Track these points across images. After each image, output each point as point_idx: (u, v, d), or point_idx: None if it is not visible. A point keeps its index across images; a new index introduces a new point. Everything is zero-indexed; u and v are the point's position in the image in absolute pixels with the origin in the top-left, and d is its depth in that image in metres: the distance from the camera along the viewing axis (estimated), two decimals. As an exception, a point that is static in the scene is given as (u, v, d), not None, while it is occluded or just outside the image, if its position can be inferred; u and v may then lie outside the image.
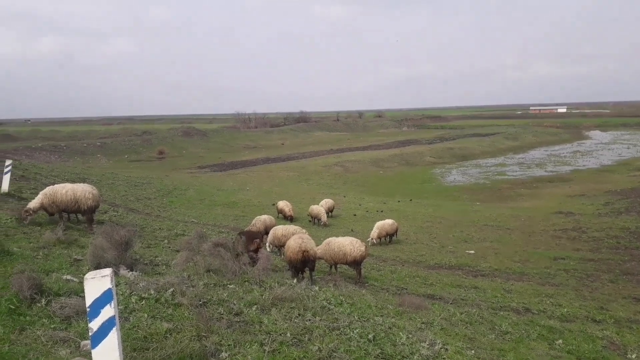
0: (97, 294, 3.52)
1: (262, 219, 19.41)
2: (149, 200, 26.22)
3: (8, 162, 15.47)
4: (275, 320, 6.02)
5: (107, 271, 3.59)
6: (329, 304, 7.64)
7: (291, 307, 6.80)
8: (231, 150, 78.79)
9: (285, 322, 5.99)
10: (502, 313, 10.80)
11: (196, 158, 67.67)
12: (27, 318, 5.45)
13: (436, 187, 46.87)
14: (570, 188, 42.31)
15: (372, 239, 20.75)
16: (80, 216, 12.89)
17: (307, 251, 11.09)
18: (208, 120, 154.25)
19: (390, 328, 6.77)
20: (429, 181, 50.92)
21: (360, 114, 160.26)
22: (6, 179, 14.90)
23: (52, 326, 5.24)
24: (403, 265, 16.82)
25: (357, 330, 6.07)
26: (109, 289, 3.53)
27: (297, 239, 11.59)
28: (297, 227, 16.32)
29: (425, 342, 6.23)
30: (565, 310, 11.70)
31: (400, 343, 6.02)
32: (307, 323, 6.13)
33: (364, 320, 6.95)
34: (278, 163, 62.20)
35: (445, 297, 11.78)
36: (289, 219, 24.78)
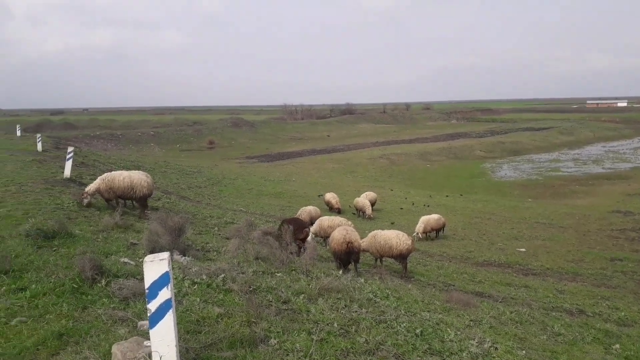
0: (155, 277, 3.66)
1: (307, 210, 19.59)
2: (199, 188, 26.98)
3: (70, 149, 16.33)
4: (322, 310, 6.07)
5: (165, 255, 3.72)
6: (375, 296, 7.63)
7: (337, 298, 6.84)
8: (278, 141, 79.68)
9: (332, 313, 6.02)
10: (554, 314, 10.41)
11: (244, 148, 68.93)
12: (89, 297, 5.75)
13: (486, 182, 45.60)
14: (629, 186, 40.06)
15: (417, 233, 20.49)
16: (135, 202, 13.43)
17: (352, 242, 11.10)
18: (256, 112, 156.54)
19: (437, 324, 6.68)
20: (478, 176, 49.60)
21: (407, 106, 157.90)
22: (68, 165, 15.75)
23: (112, 306, 5.51)
24: (450, 261, 16.52)
25: (404, 325, 6.02)
26: (167, 272, 3.66)
27: (341, 230, 11.64)
28: (342, 218, 16.35)
29: (474, 340, 6.10)
30: (623, 314, 11.13)
31: (448, 339, 5.93)
32: (353, 314, 6.14)
33: (411, 315, 6.89)
34: (323, 155, 62.37)
35: (495, 295, 11.49)
36: (336, 211, 24.84)
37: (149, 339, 4.25)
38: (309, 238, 12.51)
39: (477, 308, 9.18)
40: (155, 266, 3.64)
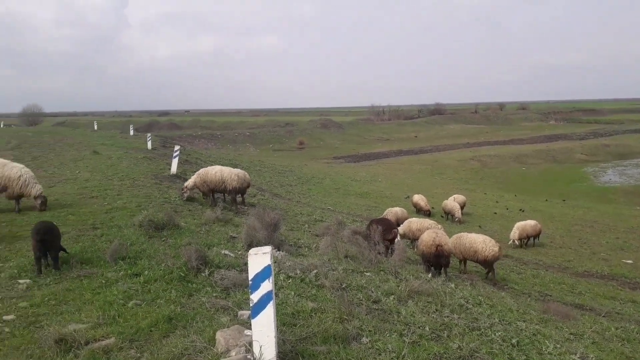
0: (258, 269, 3.87)
1: (393, 211, 19.40)
2: (290, 187, 27.81)
3: (176, 147, 17.68)
4: (413, 312, 6.03)
5: (268, 249, 3.93)
6: (467, 302, 7.42)
7: (428, 302, 6.75)
8: (365, 142, 79.62)
9: (423, 316, 5.96)
10: (669, 334, 9.38)
11: (332, 149, 69.79)
12: (194, 285, 6.21)
13: (587, 188, 42.06)
14: None
15: (513, 240, 19.44)
16: (233, 197, 14.18)
17: (441, 245, 10.87)
18: (344, 113, 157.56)
19: (534, 335, 6.34)
20: (579, 180, 45.89)
21: (501, 106, 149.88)
22: (175, 162, 17.06)
23: (214, 294, 5.91)
24: (547, 270, 15.52)
25: (499, 333, 5.80)
26: (269, 265, 3.87)
27: (431, 232, 11.44)
28: (432, 221, 16.01)
29: (575, 355, 5.71)
30: None
31: (546, 352, 5.61)
32: (445, 319, 6.03)
33: (506, 324, 6.60)
34: (410, 156, 61.29)
35: (597, 309, 10.61)
36: (426, 213, 24.32)
37: (249, 328, 4.51)
38: (397, 239, 12.44)
39: (578, 321, 8.55)
40: (258, 259, 3.86)
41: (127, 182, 14.31)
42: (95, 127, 48.36)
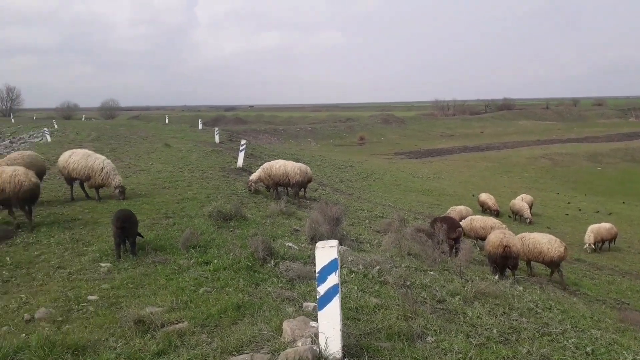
0: (325, 262, 3.92)
1: (458, 209, 18.91)
2: (350, 182, 27.84)
3: (243, 141, 18.23)
4: (480, 314, 5.87)
5: (334, 242, 3.97)
6: (536, 306, 7.13)
7: (495, 304, 6.56)
8: (427, 137, 77.97)
9: (490, 318, 5.80)
10: None
11: (393, 144, 68.97)
12: (260, 275, 6.39)
13: (672, 190, 38.78)
14: None
15: (588, 244, 18.32)
16: (296, 191, 14.43)
17: (509, 247, 10.49)
18: (406, 108, 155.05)
19: (610, 344, 5.98)
20: (662, 181, 42.42)
21: (574, 102, 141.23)
22: (241, 155, 17.61)
23: (280, 285, 6.05)
24: (623, 277, 14.55)
25: (572, 340, 5.52)
26: (335, 259, 3.91)
27: (498, 233, 11.08)
28: (496, 220, 15.48)
29: (658, 369, 5.34)
30: None
31: (625, 363, 5.28)
32: (513, 322, 5.83)
33: (579, 331, 6.28)
34: (476, 152, 59.25)
35: (682, 321, 9.81)
36: (493, 213, 23.49)
37: (314, 320, 4.59)
38: (461, 238, 12.16)
39: (660, 333, 7.96)
40: (326, 252, 3.91)
41: (196, 174, 14.94)
42: (167, 121, 50.82)
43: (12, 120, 56.41)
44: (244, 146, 18.06)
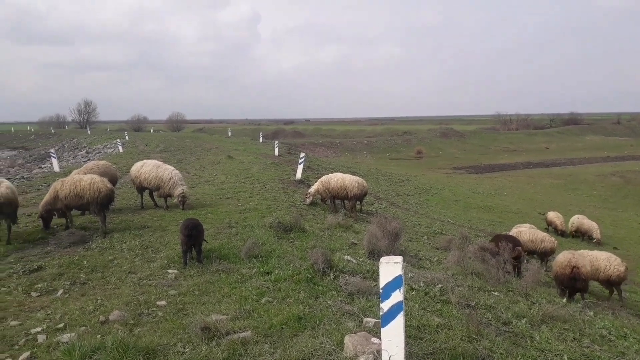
0: (389, 278, 3.90)
1: (522, 228, 18.10)
2: (407, 196, 27.44)
3: (302, 154, 18.50)
4: (548, 338, 5.58)
5: (399, 259, 3.94)
6: (609, 333, 6.67)
7: (564, 329, 6.20)
8: (488, 152, 75.50)
9: (560, 344, 5.50)
10: None
11: (452, 159, 67.36)
12: (320, 288, 6.42)
13: None
14: None
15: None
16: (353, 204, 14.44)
17: (578, 268, 9.93)
18: (466, 122, 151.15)
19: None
20: None
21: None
22: (300, 168, 17.87)
23: (339, 299, 6.05)
24: None
25: (652, 373, 5.14)
26: (400, 276, 3.87)
27: (567, 253, 10.54)
28: (545, 233, 14.78)
29: None
30: None
31: None
32: (585, 350, 5.49)
33: (661, 363, 5.81)
34: (540, 168, 56.62)
35: None
36: (559, 233, 22.34)
37: (375, 336, 4.56)
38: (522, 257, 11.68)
39: None
40: (390, 268, 3.89)
41: (257, 185, 15.32)
42: (229, 134, 52.54)
43: (89, 132, 60.55)
44: (303, 159, 18.32)
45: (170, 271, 7.00)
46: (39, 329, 5.13)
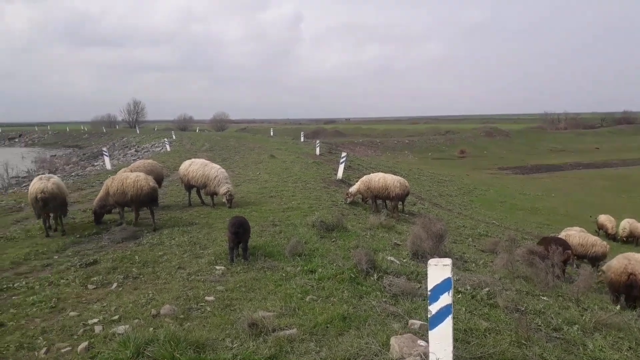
0: (438, 281, 3.86)
1: (571, 231, 17.43)
2: (450, 197, 26.97)
3: (343, 154, 18.54)
4: (602, 347, 5.37)
5: (448, 261, 3.89)
6: (669, 344, 6.34)
7: (619, 337, 5.94)
8: (535, 152, 73.03)
9: (615, 353, 5.28)
10: None
11: (497, 159, 65.60)
12: (364, 288, 6.42)
13: None
14: None
15: None
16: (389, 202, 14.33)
17: (635, 274, 9.48)
18: (512, 120, 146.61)
19: None
20: None
21: None
22: (341, 167, 17.91)
23: (384, 299, 6.02)
24: None
25: None
26: (449, 278, 3.83)
27: (622, 259, 10.06)
28: (596, 237, 14.14)
29: None
30: None
31: None
32: (642, 360, 5.26)
33: None
34: (591, 170, 54.28)
35: None
36: (610, 237, 21.36)
37: (422, 338, 4.53)
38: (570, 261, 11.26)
39: None
40: (439, 271, 3.85)
41: (299, 184, 15.47)
42: (271, 134, 53.25)
43: (137, 131, 62.85)
44: (344, 158, 18.34)
45: (217, 267, 7.17)
46: (95, 320, 5.38)
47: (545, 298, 7.36)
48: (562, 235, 17.52)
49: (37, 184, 9.36)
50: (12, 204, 13.02)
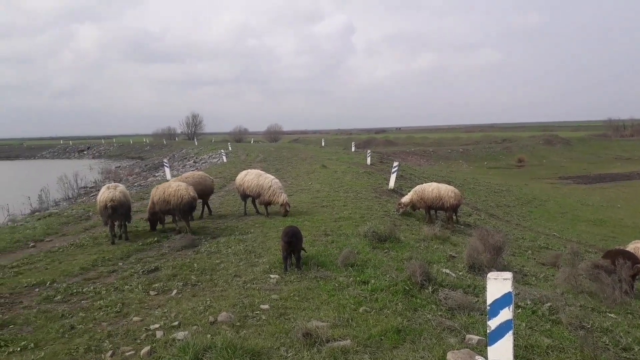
0: (498, 295, 3.75)
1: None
2: (508, 207, 26.03)
3: (395, 163, 18.38)
4: (678, 370, 5.00)
5: (508, 275, 3.77)
6: None
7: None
8: (598, 160, 69.13)
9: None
10: None
11: (557, 168, 62.68)
12: (418, 300, 6.30)
13: None
14: None
15: None
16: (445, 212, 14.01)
17: None
18: (573, 128, 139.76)
19: None
20: None
21: None
22: (393, 177, 17.76)
23: (439, 313, 5.90)
24: None
25: None
26: (509, 293, 3.71)
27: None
28: None
29: None
30: None
31: None
32: None
33: None
34: (662, 179, 50.73)
35: None
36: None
37: (479, 354, 4.40)
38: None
39: None
40: (498, 284, 3.74)
41: (351, 194, 15.47)
42: (323, 144, 53.70)
43: (196, 143, 65.28)
44: (397, 168, 18.17)
45: (272, 276, 7.29)
46: (157, 326, 5.60)
47: (612, 315, 6.95)
48: (630, 248, 16.43)
49: (106, 193, 9.95)
50: (82, 212, 13.83)
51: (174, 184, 10.94)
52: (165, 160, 27.30)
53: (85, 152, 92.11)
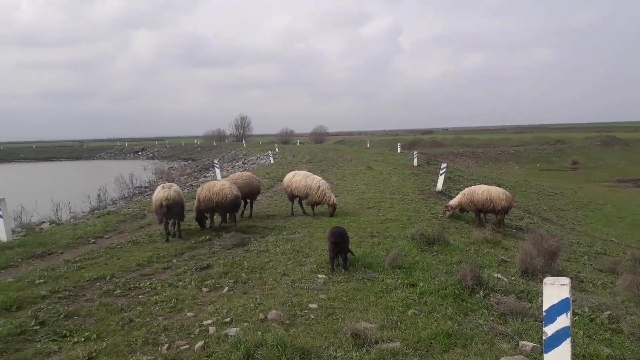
0: (555, 301, 3.64)
1: None
2: (562, 211, 25.03)
3: (443, 165, 18.06)
4: None
5: (566, 280, 3.66)
6: None
7: None
8: (662, 162, 65.15)
9: None
10: None
11: (615, 170, 59.54)
12: (469, 305, 6.18)
13: None
14: None
15: None
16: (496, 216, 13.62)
17: None
18: (632, 128, 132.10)
19: None
20: None
21: None
22: (441, 179, 17.46)
23: (491, 318, 5.76)
24: None
25: None
26: (567, 299, 3.60)
27: None
28: None
29: None
30: None
31: None
32: None
33: None
34: None
35: None
36: None
37: (534, 361, 4.28)
38: None
39: None
40: (555, 290, 3.64)
41: (397, 196, 15.34)
42: (368, 145, 53.52)
43: (244, 145, 66.71)
44: (444, 169, 17.84)
45: (319, 276, 7.35)
46: (209, 322, 5.77)
47: (678, 327, 6.55)
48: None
49: (161, 192, 10.36)
50: (137, 211, 14.45)
51: (218, 183, 11.30)
52: (215, 161, 28.02)
53: (139, 153, 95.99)
